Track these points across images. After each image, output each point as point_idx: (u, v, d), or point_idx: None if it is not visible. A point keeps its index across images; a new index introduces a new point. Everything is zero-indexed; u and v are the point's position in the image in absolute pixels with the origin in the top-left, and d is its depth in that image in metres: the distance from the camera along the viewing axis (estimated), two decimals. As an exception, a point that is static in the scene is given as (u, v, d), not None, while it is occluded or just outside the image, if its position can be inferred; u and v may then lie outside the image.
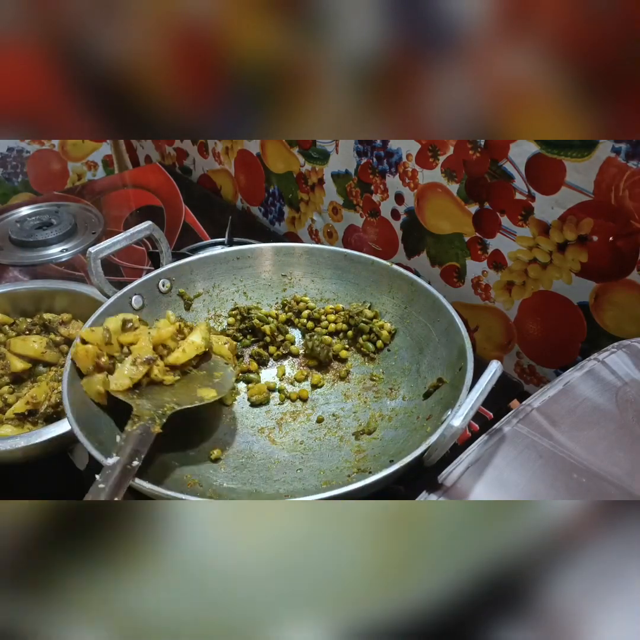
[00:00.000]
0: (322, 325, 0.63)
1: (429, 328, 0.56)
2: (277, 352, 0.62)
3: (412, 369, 0.57)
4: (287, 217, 0.95)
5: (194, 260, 0.62)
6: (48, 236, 0.88)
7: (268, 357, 0.62)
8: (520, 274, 0.65)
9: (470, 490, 0.36)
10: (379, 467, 0.40)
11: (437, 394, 0.52)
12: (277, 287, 0.65)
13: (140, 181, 1.08)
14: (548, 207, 0.59)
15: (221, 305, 0.64)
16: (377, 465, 0.48)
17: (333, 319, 0.62)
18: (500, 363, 0.42)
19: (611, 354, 0.44)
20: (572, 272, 0.60)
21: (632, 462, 0.37)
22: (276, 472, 0.51)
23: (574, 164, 0.55)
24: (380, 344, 0.59)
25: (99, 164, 1.22)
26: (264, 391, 0.59)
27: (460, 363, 0.49)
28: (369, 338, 0.60)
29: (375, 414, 0.56)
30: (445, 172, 0.67)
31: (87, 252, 0.56)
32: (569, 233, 0.58)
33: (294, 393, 0.59)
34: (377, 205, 0.78)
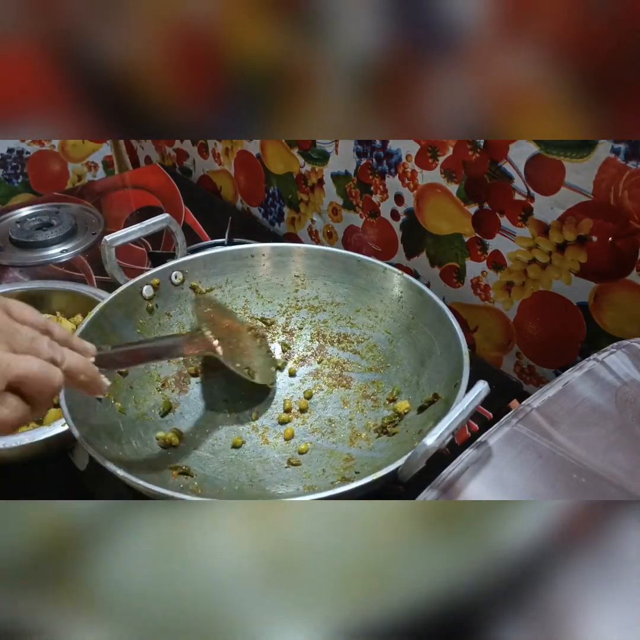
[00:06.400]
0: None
1: (433, 341, 0.55)
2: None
3: (413, 381, 0.56)
4: (287, 217, 0.95)
5: (208, 255, 0.62)
6: (48, 237, 0.88)
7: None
8: (520, 275, 0.65)
9: (470, 490, 0.36)
10: (361, 477, 0.40)
11: (431, 409, 0.51)
12: (289, 287, 0.65)
13: (140, 182, 1.08)
14: (547, 208, 0.59)
15: (232, 301, 0.64)
16: (361, 476, 0.48)
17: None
18: (486, 383, 0.41)
19: (611, 354, 0.44)
20: (572, 273, 0.60)
21: (632, 462, 0.37)
22: (263, 472, 0.51)
23: (574, 164, 0.55)
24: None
25: (99, 165, 1.22)
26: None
27: (456, 380, 0.48)
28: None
29: (370, 423, 0.55)
30: (444, 172, 0.67)
31: (102, 241, 0.57)
32: (569, 233, 0.58)
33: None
34: (376, 206, 0.78)
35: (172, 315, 0.60)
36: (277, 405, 0.59)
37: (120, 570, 0.27)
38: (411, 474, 0.39)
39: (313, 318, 0.64)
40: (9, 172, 1.12)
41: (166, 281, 0.60)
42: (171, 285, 0.60)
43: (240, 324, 0.62)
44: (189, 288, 0.61)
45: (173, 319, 0.60)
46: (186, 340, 0.50)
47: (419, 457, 0.38)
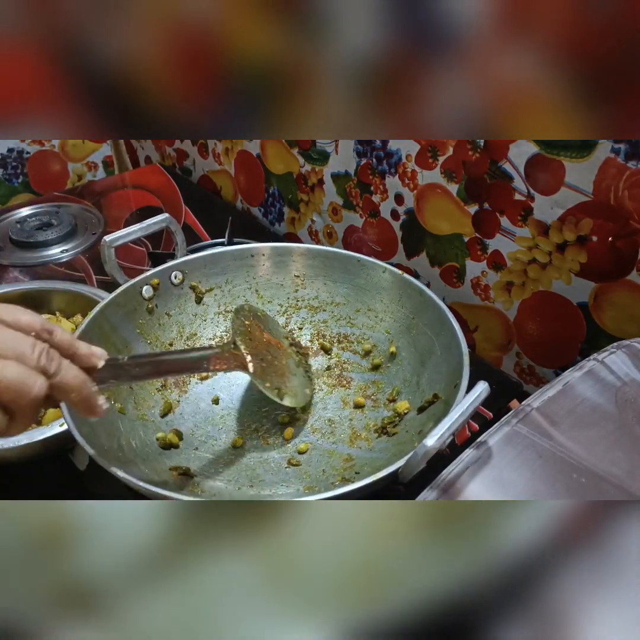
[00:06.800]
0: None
1: (433, 341, 0.55)
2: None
3: (413, 381, 0.56)
4: (287, 217, 0.95)
5: (208, 255, 0.62)
6: (48, 237, 0.88)
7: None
8: (520, 274, 0.65)
9: (470, 490, 0.36)
10: (362, 478, 0.40)
11: (431, 409, 0.51)
12: (289, 287, 0.65)
13: (140, 182, 1.08)
14: (547, 208, 0.59)
15: (232, 301, 0.64)
16: (361, 477, 0.48)
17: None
18: (487, 384, 0.41)
19: (611, 354, 0.44)
20: (572, 273, 0.60)
21: (632, 462, 0.37)
22: (263, 472, 0.51)
23: (574, 164, 0.55)
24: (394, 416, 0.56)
25: (99, 165, 1.22)
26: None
27: (456, 380, 0.48)
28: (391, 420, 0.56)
29: (370, 423, 0.55)
30: (444, 172, 0.67)
31: (102, 241, 0.56)
32: (569, 233, 0.58)
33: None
34: (376, 206, 0.78)
35: (171, 315, 0.60)
36: (277, 405, 0.59)
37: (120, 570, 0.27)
38: (411, 475, 0.39)
39: (313, 318, 0.64)
40: (9, 172, 1.12)
41: (166, 281, 0.60)
42: (171, 286, 0.60)
43: (282, 338, 0.59)
44: (188, 288, 0.61)
45: (173, 319, 0.60)
46: (215, 354, 0.46)
47: (420, 458, 0.38)
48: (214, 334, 0.63)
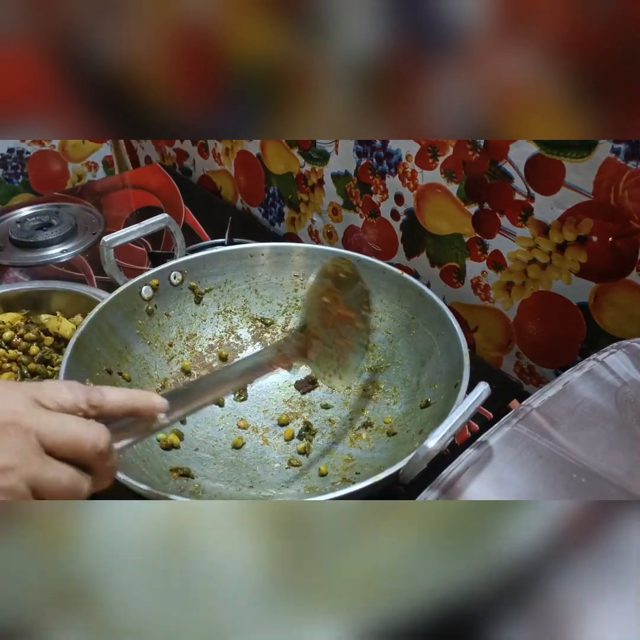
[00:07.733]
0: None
1: (433, 341, 0.55)
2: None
3: (413, 381, 0.56)
4: (287, 217, 0.95)
5: (207, 255, 0.62)
6: (48, 237, 0.88)
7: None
8: (520, 275, 0.65)
9: (470, 490, 0.36)
10: (362, 478, 0.40)
11: (431, 409, 0.51)
12: (288, 286, 0.65)
13: (140, 182, 1.08)
14: (547, 208, 0.59)
15: (232, 301, 0.64)
16: (361, 477, 0.48)
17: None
18: (487, 384, 0.41)
19: (611, 354, 0.44)
20: (572, 273, 0.60)
21: (632, 463, 0.37)
22: (263, 473, 0.51)
23: (574, 164, 0.55)
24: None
25: (99, 165, 1.22)
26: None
27: (457, 380, 0.48)
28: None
29: (370, 423, 0.55)
30: (444, 172, 0.67)
31: (101, 241, 0.56)
32: (569, 233, 0.58)
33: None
34: (376, 206, 0.78)
35: (171, 315, 0.60)
36: (277, 405, 0.59)
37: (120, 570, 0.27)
38: (412, 476, 0.39)
39: None
40: (9, 172, 1.12)
41: (165, 282, 0.59)
42: (170, 286, 0.60)
43: (353, 311, 0.53)
44: (187, 288, 0.61)
45: (172, 319, 0.60)
46: (272, 355, 0.44)
47: (421, 459, 0.38)
48: (213, 334, 0.63)
